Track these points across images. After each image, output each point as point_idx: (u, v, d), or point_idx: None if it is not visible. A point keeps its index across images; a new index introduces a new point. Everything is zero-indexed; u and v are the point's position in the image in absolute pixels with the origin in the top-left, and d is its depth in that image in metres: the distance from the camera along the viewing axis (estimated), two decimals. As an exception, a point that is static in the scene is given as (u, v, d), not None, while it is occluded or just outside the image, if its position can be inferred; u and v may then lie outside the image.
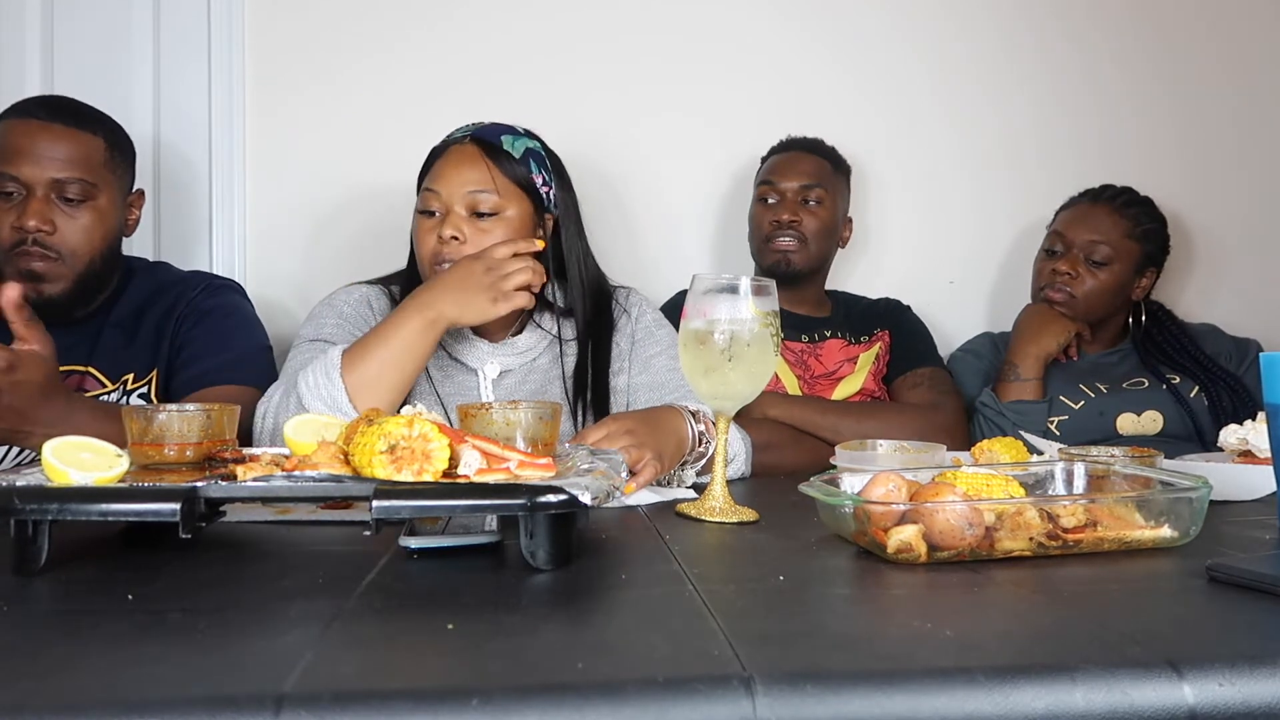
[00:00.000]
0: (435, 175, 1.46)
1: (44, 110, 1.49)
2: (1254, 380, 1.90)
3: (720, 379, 1.03)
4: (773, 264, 1.89)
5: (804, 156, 1.93)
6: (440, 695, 0.50)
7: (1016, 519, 0.81)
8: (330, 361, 1.30)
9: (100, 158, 1.51)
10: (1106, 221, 1.93)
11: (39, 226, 1.44)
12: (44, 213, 1.45)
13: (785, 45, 2.14)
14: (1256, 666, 0.54)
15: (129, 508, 0.75)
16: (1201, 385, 1.88)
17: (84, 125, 1.50)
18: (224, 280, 1.69)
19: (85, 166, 1.48)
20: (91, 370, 1.52)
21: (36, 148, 1.45)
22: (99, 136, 1.51)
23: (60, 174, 1.46)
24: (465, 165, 1.46)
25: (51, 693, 0.51)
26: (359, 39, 2.04)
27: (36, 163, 1.45)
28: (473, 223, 1.44)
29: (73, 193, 1.47)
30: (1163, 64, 2.22)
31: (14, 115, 1.49)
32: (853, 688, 0.52)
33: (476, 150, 1.47)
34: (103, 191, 1.50)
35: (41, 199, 1.45)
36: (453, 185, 1.45)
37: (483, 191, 1.45)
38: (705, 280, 1.05)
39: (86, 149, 1.49)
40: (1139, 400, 1.86)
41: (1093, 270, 1.91)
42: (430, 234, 1.45)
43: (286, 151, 2.04)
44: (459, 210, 1.44)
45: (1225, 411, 1.83)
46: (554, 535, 0.77)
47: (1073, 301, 1.91)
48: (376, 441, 0.80)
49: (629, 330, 1.57)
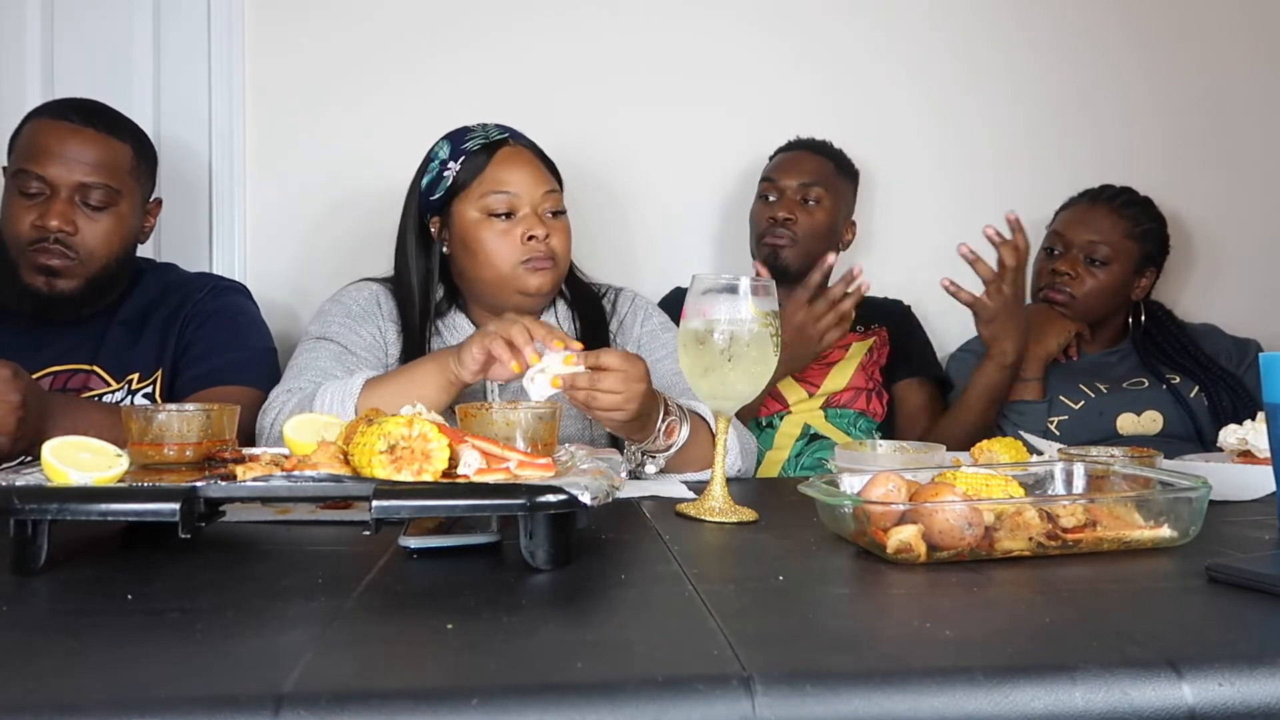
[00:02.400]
0: (500, 177, 1.46)
1: (77, 114, 1.50)
2: (1254, 380, 1.90)
3: (719, 379, 1.03)
4: (763, 259, 1.89)
5: (808, 156, 1.93)
6: (440, 695, 0.50)
7: (1016, 519, 0.81)
8: (349, 390, 1.29)
9: (127, 165, 1.52)
10: (1106, 222, 1.93)
11: (60, 227, 1.46)
12: (67, 214, 1.46)
13: (785, 49, 2.14)
14: (1256, 666, 0.54)
15: (128, 508, 0.75)
16: (1201, 385, 1.88)
17: (115, 132, 1.52)
18: (230, 282, 1.70)
19: (111, 173, 1.50)
20: (96, 369, 1.53)
21: (66, 150, 1.47)
22: (127, 144, 1.53)
23: (87, 178, 1.47)
24: (528, 165, 1.48)
25: (51, 693, 0.51)
26: (358, 41, 2.04)
27: (64, 165, 1.47)
28: (548, 221, 1.47)
29: (96, 198, 1.48)
30: (1161, 64, 2.22)
31: (47, 115, 1.51)
32: (852, 688, 0.52)
33: (528, 151, 1.51)
34: (125, 198, 1.52)
35: (66, 200, 1.47)
36: (527, 185, 1.46)
37: (554, 190, 1.49)
38: (705, 280, 1.05)
39: (115, 156, 1.51)
40: (1139, 400, 1.87)
41: (1092, 270, 1.91)
42: (509, 235, 1.45)
43: (286, 152, 2.04)
44: (535, 210, 1.46)
45: (1225, 411, 1.83)
46: (554, 535, 0.77)
47: (1073, 302, 1.91)
48: (376, 441, 0.80)
49: (635, 333, 1.57)
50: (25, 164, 1.47)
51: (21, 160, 1.48)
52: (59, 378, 1.51)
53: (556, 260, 1.47)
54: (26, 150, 1.48)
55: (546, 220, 1.46)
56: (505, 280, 1.46)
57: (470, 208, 1.47)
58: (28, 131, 1.50)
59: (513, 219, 1.45)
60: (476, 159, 1.48)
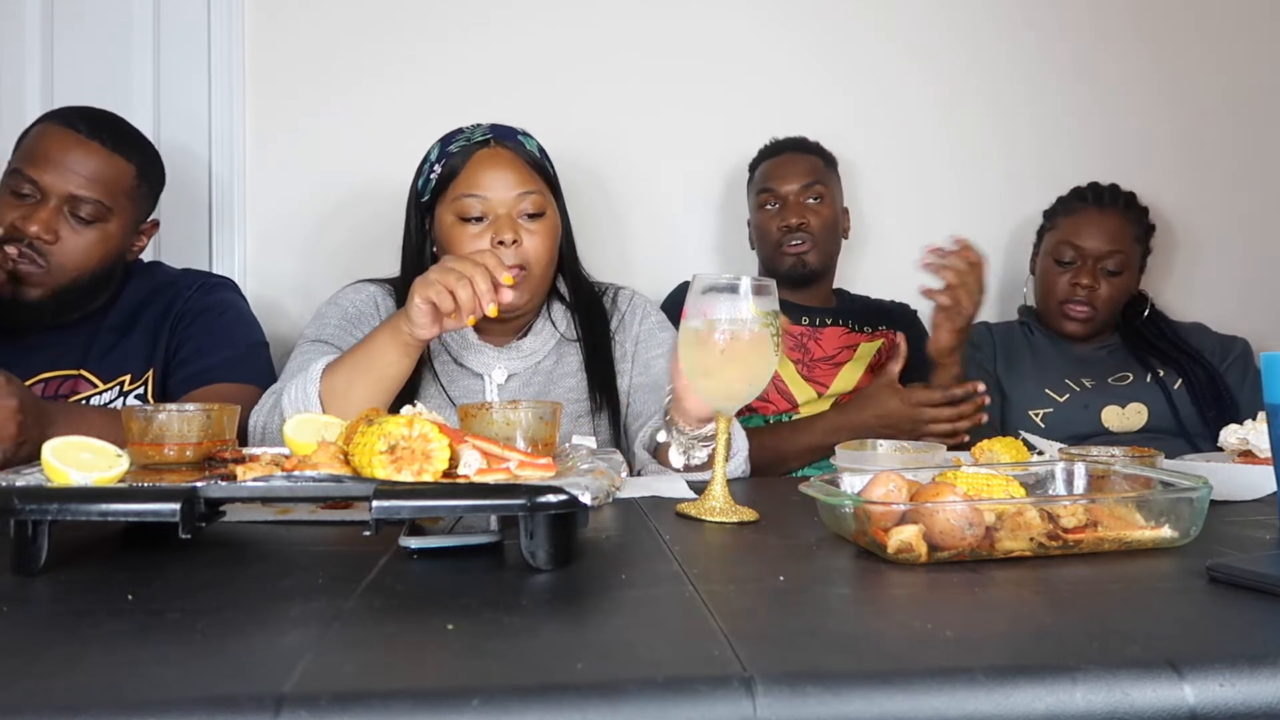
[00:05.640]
0: (473, 181, 1.42)
1: (86, 124, 1.48)
2: (1236, 377, 1.92)
3: (720, 379, 1.03)
4: (789, 268, 1.89)
5: (799, 157, 1.94)
6: (440, 695, 0.50)
7: (1017, 519, 0.81)
8: (310, 376, 1.27)
9: (125, 184, 1.50)
10: (1118, 229, 1.93)
11: (40, 234, 1.43)
12: (50, 223, 1.44)
13: (781, 44, 2.14)
14: (1256, 666, 0.54)
15: (129, 508, 0.75)
16: (1185, 378, 1.89)
17: (120, 149, 1.49)
18: (218, 278, 1.68)
19: (106, 189, 1.47)
20: (83, 373, 1.51)
21: (66, 159, 1.44)
22: (132, 163, 1.50)
23: (79, 190, 1.45)
24: (504, 168, 1.43)
25: (51, 693, 0.51)
26: (358, 41, 2.04)
27: (60, 174, 1.44)
28: (522, 225, 1.43)
29: (85, 212, 1.46)
30: (1158, 61, 2.23)
31: (55, 120, 1.49)
32: (853, 688, 0.52)
33: (508, 152, 1.45)
34: (115, 217, 1.49)
35: (53, 209, 1.44)
36: (498, 189, 1.42)
37: (530, 193, 1.44)
38: (705, 279, 1.04)
39: (115, 173, 1.48)
40: (1124, 394, 1.87)
41: (1109, 279, 1.92)
42: (479, 240, 1.41)
43: (286, 152, 2.04)
44: (509, 213, 1.42)
45: (1206, 401, 1.85)
46: (554, 535, 0.77)
47: (1094, 314, 1.92)
48: (376, 441, 0.80)
49: (634, 330, 1.57)
50: (22, 165, 1.46)
51: (20, 161, 1.47)
52: (49, 384, 1.50)
53: (529, 265, 1.42)
54: (27, 152, 1.47)
55: (521, 223, 1.42)
56: None
57: (447, 211, 1.45)
58: (35, 133, 1.49)
59: (484, 223, 1.42)
60: (454, 161, 1.45)
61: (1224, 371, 1.93)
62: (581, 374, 1.52)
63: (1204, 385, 1.88)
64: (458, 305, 1.19)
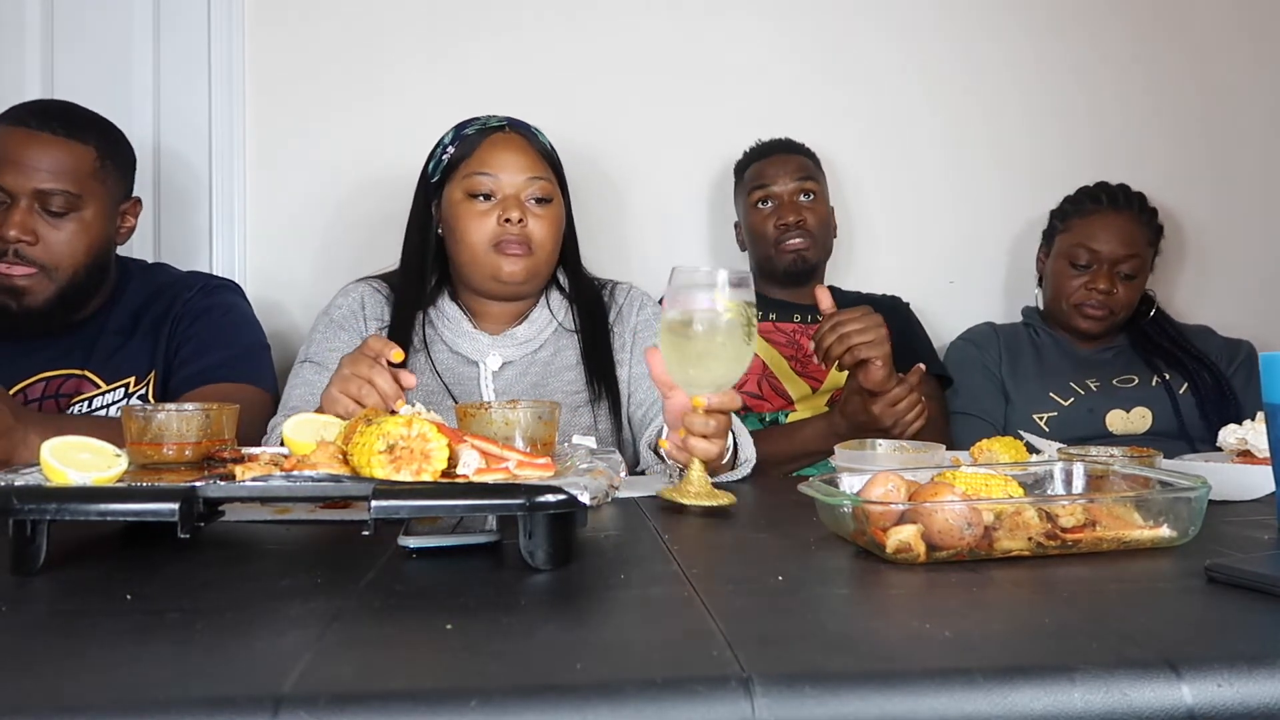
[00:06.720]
0: (485, 160, 1.47)
1: (35, 118, 1.46)
2: (1241, 381, 1.92)
3: (699, 368, 1.07)
4: (789, 265, 1.89)
5: (789, 157, 1.95)
6: (439, 695, 0.50)
7: (1015, 519, 0.81)
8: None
9: (88, 168, 1.48)
10: (1133, 232, 1.92)
11: (19, 237, 1.42)
12: (26, 223, 1.43)
13: (779, 43, 2.15)
14: (1256, 667, 0.54)
15: (127, 508, 0.75)
16: (1191, 382, 1.89)
17: (74, 134, 1.47)
18: (220, 280, 1.68)
19: (70, 178, 1.45)
20: (87, 374, 1.51)
21: (23, 157, 1.43)
22: (89, 145, 1.48)
23: (44, 185, 1.43)
24: (516, 152, 1.48)
25: (50, 693, 0.51)
26: (358, 41, 2.04)
27: (21, 172, 1.42)
28: (529, 208, 1.47)
29: (56, 205, 1.44)
30: (1162, 62, 2.22)
31: (7, 122, 1.47)
32: (851, 688, 0.52)
33: (521, 139, 1.50)
34: (89, 203, 1.47)
35: (25, 209, 1.43)
36: (509, 171, 1.47)
37: (540, 178, 1.49)
38: (681, 274, 1.08)
39: (74, 159, 1.46)
40: (1129, 398, 1.87)
41: (1125, 283, 1.91)
42: (487, 217, 1.46)
43: (286, 153, 2.04)
44: (517, 194, 1.47)
45: (1211, 405, 1.84)
46: (553, 535, 0.77)
47: (1110, 317, 1.92)
48: (375, 441, 0.80)
49: (631, 322, 1.58)
50: None
51: None
52: (51, 383, 1.50)
53: (533, 248, 1.47)
54: None
55: (528, 207, 1.47)
56: (480, 263, 1.47)
57: (456, 188, 1.49)
58: None
59: (492, 201, 1.47)
60: (469, 142, 1.50)
61: (1231, 374, 1.92)
62: (580, 366, 1.53)
63: (1210, 390, 1.87)
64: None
